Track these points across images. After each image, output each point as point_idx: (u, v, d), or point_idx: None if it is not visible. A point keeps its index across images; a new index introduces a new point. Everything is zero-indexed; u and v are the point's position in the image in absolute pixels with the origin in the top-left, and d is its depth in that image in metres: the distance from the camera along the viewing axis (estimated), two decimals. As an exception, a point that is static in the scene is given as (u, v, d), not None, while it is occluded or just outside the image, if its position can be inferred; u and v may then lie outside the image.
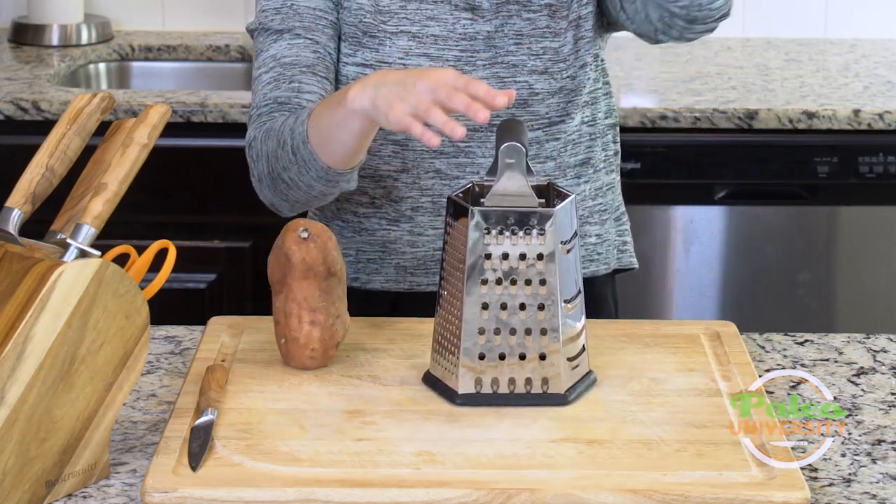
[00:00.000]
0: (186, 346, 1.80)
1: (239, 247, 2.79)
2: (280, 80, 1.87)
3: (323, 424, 1.55)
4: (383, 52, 1.90)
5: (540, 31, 1.92)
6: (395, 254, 1.96)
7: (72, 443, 1.44)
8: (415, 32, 1.90)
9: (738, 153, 2.80)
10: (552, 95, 1.94)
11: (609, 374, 1.68)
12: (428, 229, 1.95)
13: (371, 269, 1.97)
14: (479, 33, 1.91)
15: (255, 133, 1.87)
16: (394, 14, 1.91)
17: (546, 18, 1.93)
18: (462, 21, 1.91)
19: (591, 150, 2.01)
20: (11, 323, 1.37)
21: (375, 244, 1.97)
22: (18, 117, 2.74)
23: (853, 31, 3.36)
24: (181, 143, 2.72)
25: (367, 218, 1.97)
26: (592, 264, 2.02)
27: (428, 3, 1.91)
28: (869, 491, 1.48)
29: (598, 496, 1.43)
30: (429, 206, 1.94)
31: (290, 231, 1.67)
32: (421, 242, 1.95)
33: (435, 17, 1.91)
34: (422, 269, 1.96)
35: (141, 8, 3.34)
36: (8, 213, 1.45)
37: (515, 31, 1.92)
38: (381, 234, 1.96)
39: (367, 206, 1.96)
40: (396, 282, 1.97)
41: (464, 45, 1.91)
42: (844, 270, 2.91)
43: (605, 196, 2.03)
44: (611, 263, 2.05)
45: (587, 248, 2.01)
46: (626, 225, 2.08)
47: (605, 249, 2.04)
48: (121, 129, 1.53)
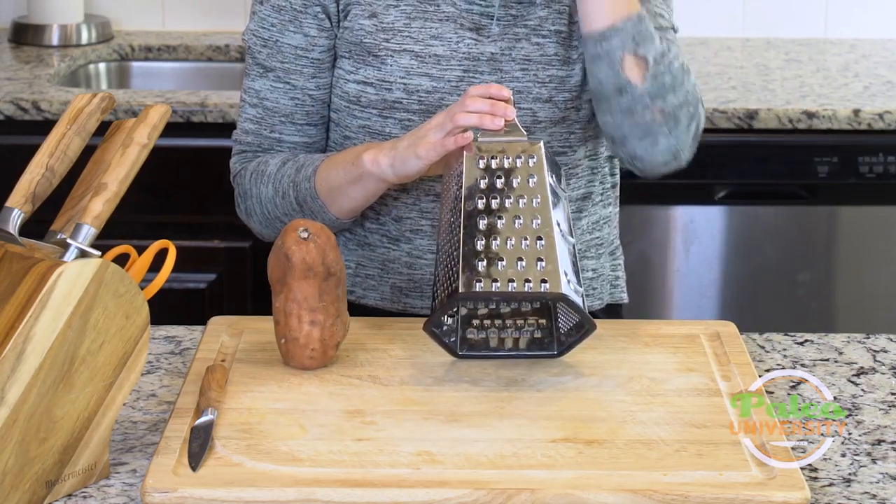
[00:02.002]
0: (186, 346, 1.80)
1: (239, 247, 2.79)
2: (262, 124, 1.96)
3: (323, 424, 1.55)
4: (385, 71, 1.90)
5: (548, 59, 1.91)
6: (392, 273, 1.97)
7: (72, 443, 1.44)
8: (417, 52, 1.89)
9: (738, 153, 2.80)
10: (555, 125, 1.92)
11: (609, 374, 1.68)
12: (426, 253, 1.94)
13: (368, 284, 1.98)
14: (482, 54, 1.90)
15: (238, 167, 1.99)
16: (397, 32, 1.90)
17: (555, 45, 1.91)
18: (466, 41, 1.90)
19: (592, 184, 2.00)
20: (11, 323, 1.37)
21: (376, 260, 1.97)
22: (18, 117, 2.74)
23: (853, 31, 3.36)
24: (181, 143, 2.73)
25: (371, 233, 1.97)
26: (587, 299, 2.01)
27: (433, 22, 1.90)
28: (869, 491, 1.48)
29: (598, 496, 1.43)
30: (428, 230, 1.94)
31: (290, 231, 1.67)
32: (418, 265, 1.95)
33: (439, 35, 1.90)
34: (416, 291, 1.96)
35: (141, 8, 3.35)
36: (8, 213, 1.45)
37: (523, 55, 1.90)
38: (381, 251, 1.97)
39: (373, 222, 1.96)
40: (391, 301, 1.97)
41: (466, 66, 1.90)
42: (844, 270, 2.91)
43: (601, 230, 2.03)
44: (604, 299, 2.04)
45: (584, 282, 2.00)
46: (619, 259, 2.08)
47: (599, 284, 2.03)
48: (121, 129, 1.53)
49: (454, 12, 1.90)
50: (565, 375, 1.68)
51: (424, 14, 1.89)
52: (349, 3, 1.91)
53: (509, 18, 1.90)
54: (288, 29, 1.92)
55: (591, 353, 1.73)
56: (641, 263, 2.85)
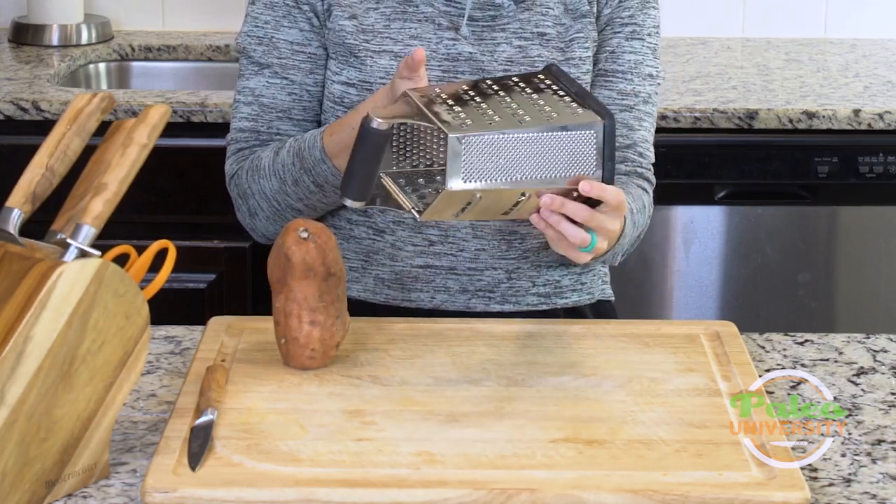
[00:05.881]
0: (186, 346, 1.80)
1: (239, 247, 2.78)
2: (258, 121, 1.95)
3: (323, 424, 1.55)
4: (365, 72, 1.90)
5: (530, 60, 1.92)
6: (375, 265, 1.97)
7: (72, 443, 1.44)
8: (397, 52, 1.90)
9: (738, 153, 2.80)
10: None
11: (609, 374, 1.68)
12: (408, 245, 1.95)
13: (352, 276, 1.98)
14: (461, 54, 1.91)
15: (235, 167, 1.97)
16: (377, 33, 1.91)
17: (538, 48, 1.92)
18: (445, 41, 1.91)
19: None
20: (11, 323, 1.37)
21: (360, 252, 1.97)
22: (18, 117, 2.74)
23: (853, 31, 3.36)
24: (181, 143, 2.72)
25: (357, 226, 1.97)
26: (575, 294, 2.01)
27: (412, 22, 1.91)
28: (869, 491, 1.48)
29: (598, 496, 1.43)
30: (409, 221, 1.94)
31: (290, 231, 1.67)
32: (400, 257, 1.96)
33: (418, 36, 1.91)
34: (398, 283, 1.96)
35: (141, 8, 3.35)
36: (8, 213, 1.45)
37: (505, 57, 1.91)
38: (366, 242, 1.97)
39: (360, 214, 1.97)
40: (374, 293, 1.98)
41: (446, 66, 1.91)
42: (844, 270, 2.91)
43: None
44: (594, 294, 2.05)
45: (571, 277, 2.01)
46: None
47: (589, 279, 2.04)
48: (121, 129, 1.53)
49: (433, 12, 1.90)
50: (565, 375, 1.68)
51: (404, 15, 1.90)
52: (331, 4, 1.92)
53: (487, 20, 1.91)
54: (282, 25, 1.93)
55: (591, 353, 1.74)
56: (641, 263, 2.85)
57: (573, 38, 1.93)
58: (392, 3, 1.91)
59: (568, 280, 2.00)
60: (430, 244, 1.94)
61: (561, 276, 2.00)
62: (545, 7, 1.92)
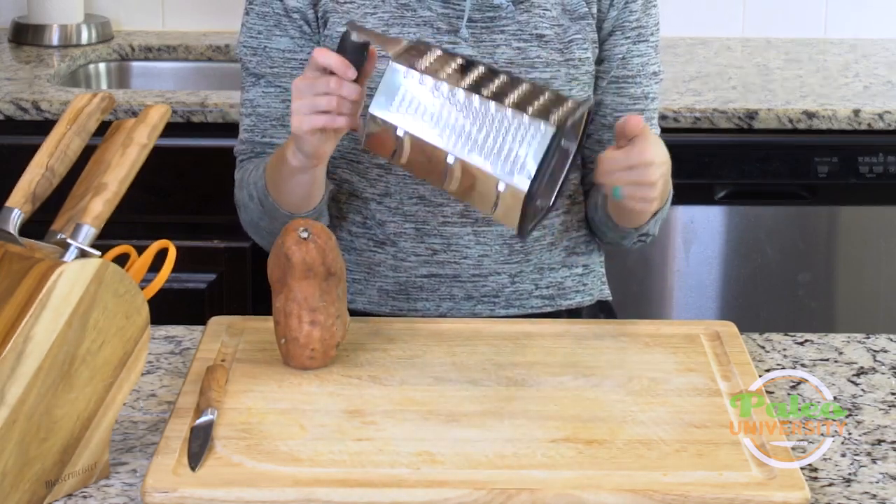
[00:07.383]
0: (186, 346, 1.80)
1: (239, 247, 2.78)
2: (254, 131, 1.97)
3: (323, 424, 1.55)
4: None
5: (530, 62, 1.92)
6: (378, 276, 1.97)
7: (72, 443, 1.44)
8: None
9: (738, 153, 2.80)
10: None
11: (609, 374, 1.68)
12: (410, 255, 1.95)
13: (356, 289, 1.98)
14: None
15: (237, 178, 2.00)
16: None
17: (537, 49, 1.92)
18: (444, 45, 1.90)
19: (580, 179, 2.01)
20: (11, 323, 1.37)
21: (362, 265, 1.98)
22: (18, 117, 2.74)
23: (853, 31, 3.36)
24: (181, 143, 2.72)
25: (358, 238, 1.97)
26: (578, 295, 2.02)
27: (411, 27, 1.90)
28: (869, 491, 1.48)
29: (598, 496, 1.43)
30: (412, 233, 1.94)
31: (290, 231, 1.67)
32: (403, 268, 1.96)
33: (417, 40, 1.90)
34: (403, 294, 1.97)
35: (141, 8, 3.34)
36: (8, 213, 1.45)
37: (505, 59, 1.91)
38: (367, 254, 1.97)
39: (359, 226, 1.97)
40: (378, 304, 1.98)
41: None
42: (844, 270, 2.91)
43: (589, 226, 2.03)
44: (594, 294, 2.05)
45: (574, 278, 2.01)
46: (603, 255, 2.09)
47: (590, 280, 2.04)
48: (121, 129, 1.53)
49: (431, 16, 1.90)
50: (565, 375, 1.68)
51: (402, 20, 1.90)
52: (327, 11, 1.92)
53: (486, 22, 1.91)
54: (274, 34, 1.93)
55: (591, 352, 1.74)
56: (641, 263, 2.85)
57: (572, 40, 1.93)
58: (390, 9, 1.90)
59: (570, 282, 2.00)
60: (434, 253, 1.94)
61: (563, 277, 2.00)
62: (543, 8, 1.92)
